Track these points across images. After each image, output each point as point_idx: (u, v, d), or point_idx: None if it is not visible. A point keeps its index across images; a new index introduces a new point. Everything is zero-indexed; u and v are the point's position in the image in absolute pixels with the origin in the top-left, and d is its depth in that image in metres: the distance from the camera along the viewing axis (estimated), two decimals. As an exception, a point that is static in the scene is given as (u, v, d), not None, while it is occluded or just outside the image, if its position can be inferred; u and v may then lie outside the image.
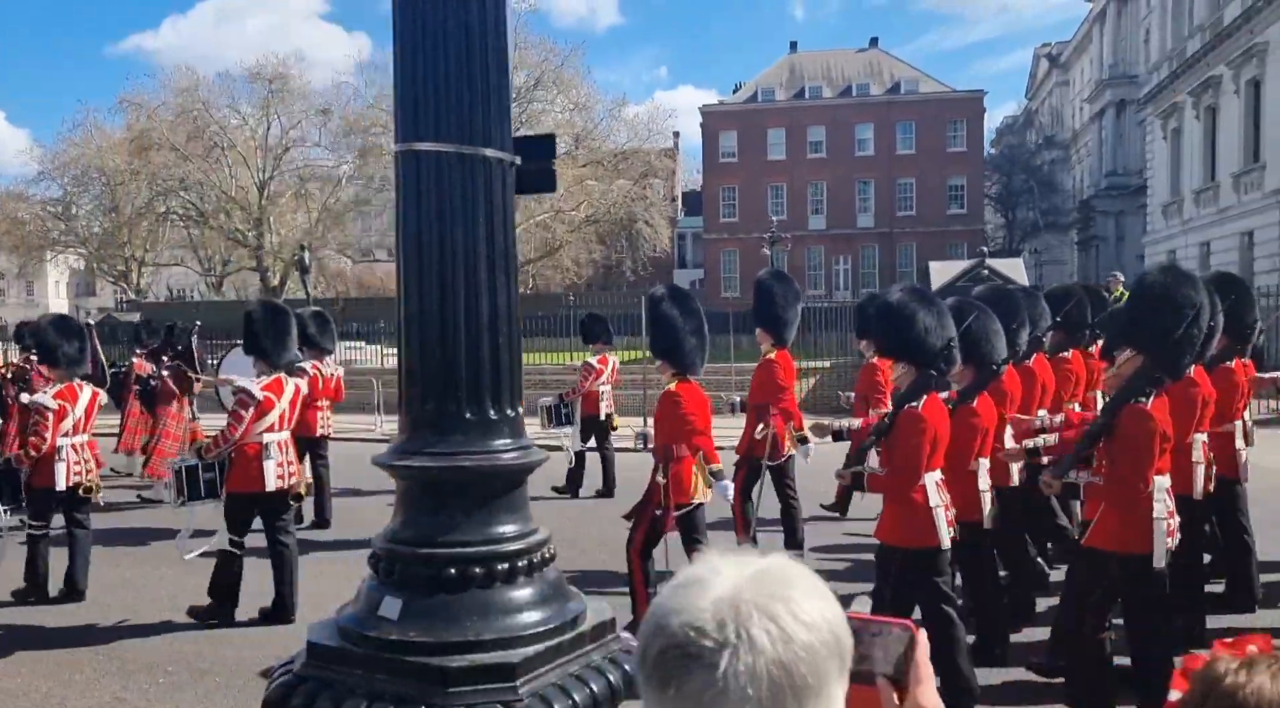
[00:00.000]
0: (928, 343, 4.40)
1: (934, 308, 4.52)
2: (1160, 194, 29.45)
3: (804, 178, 47.92)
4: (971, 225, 46.02)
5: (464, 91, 2.86)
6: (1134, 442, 3.97)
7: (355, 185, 49.03)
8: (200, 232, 49.81)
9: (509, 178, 3.00)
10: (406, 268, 3.00)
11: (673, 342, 5.53)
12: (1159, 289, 4.15)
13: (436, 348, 2.93)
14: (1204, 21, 25.92)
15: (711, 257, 49.66)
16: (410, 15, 2.92)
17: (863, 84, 48.09)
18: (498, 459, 2.98)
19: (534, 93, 44.35)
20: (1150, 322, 4.08)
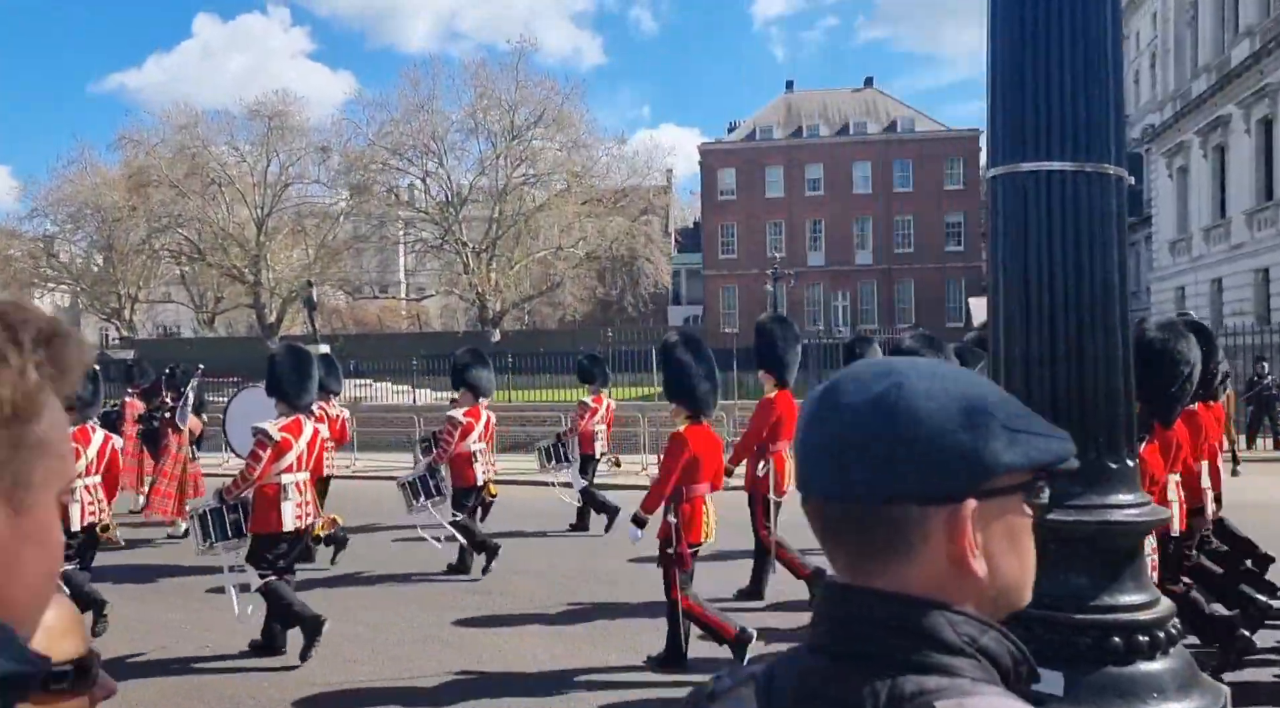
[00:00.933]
0: None
1: (940, 353, 4.80)
2: (1166, 231, 29.72)
3: (802, 215, 48.20)
4: (970, 262, 46.30)
5: (1090, 99, 2.51)
6: None
7: (352, 222, 48.94)
8: (194, 269, 49.55)
9: (1124, 197, 2.65)
10: (1013, 302, 2.63)
11: (687, 386, 5.66)
12: (1158, 345, 4.43)
13: (1075, 389, 2.57)
14: (1209, 62, 26.34)
15: (711, 293, 49.71)
16: (1016, 18, 2.55)
17: (860, 122, 48.58)
18: (1129, 513, 2.60)
19: (534, 130, 44.60)
20: (1150, 376, 4.26)
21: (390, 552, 8.92)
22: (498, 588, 7.55)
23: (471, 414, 8.19)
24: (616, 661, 5.75)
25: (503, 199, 45.09)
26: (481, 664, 5.80)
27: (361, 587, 7.74)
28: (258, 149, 46.48)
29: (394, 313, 59.32)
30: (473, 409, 8.26)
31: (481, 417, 8.31)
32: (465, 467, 8.05)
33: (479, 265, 44.49)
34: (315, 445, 6.35)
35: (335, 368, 9.46)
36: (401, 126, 44.97)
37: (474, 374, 8.40)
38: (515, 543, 8.96)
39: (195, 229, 45.45)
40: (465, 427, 8.06)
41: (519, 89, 44.51)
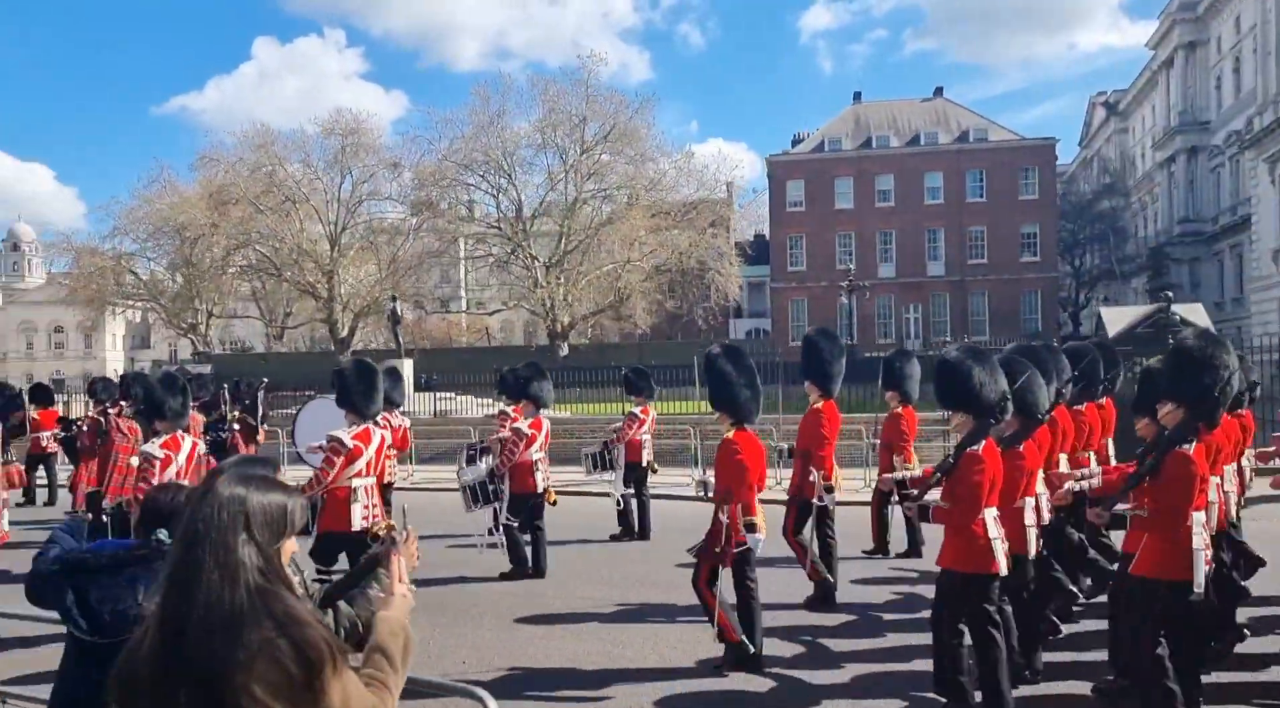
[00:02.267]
0: (984, 395, 5.01)
1: (988, 364, 5.10)
2: (1267, 238, 28.82)
3: (873, 226, 47.71)
4: (1045, 273, 45.46)
5: None
6: (1178, 482, 4.56)
7: (422, 237, 49.40)
8: (264, 284, 50.41)
9: None
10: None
11: (729, 394, 6.04)
12: (1198, 352, 4.77)
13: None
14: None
15: (779, 306, 49.38)
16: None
17: (931, 133, 48.04)
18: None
19: (603, 144, 44.68)
20: (1193, 380, 4.71)
21: (453, 557, 9.32)
22: (553, 592, 8.02)
23: (535, 425, 8.76)
24: (672, 661, 6.12)
25: (571, 213, 45.21)
26: (536, 662, 6.17)
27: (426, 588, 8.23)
28: (332, 167, 47.19)
29: (456, 327, 59.83)
30: (536, 421, 8.82)
31: (543, 427, 8.87)
32: (527, 475, 8.60)
33: (548, 280, 44.62)
34: (382, 453, 6.93)
35: (400, 380, 9.87)
36: (471, 143, 45.37)
37: (536, 387, 8.98)
38: (572, 550, 9.69)
39: (272, 245, 46.20)
40: (530, 437, 8.64)
41: (588, 103, 44.66)
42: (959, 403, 5.09)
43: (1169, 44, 49.92)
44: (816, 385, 7.72)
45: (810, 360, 7.78)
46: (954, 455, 5.04)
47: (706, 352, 6.34)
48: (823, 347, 7.78)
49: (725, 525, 5.78)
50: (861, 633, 6.69)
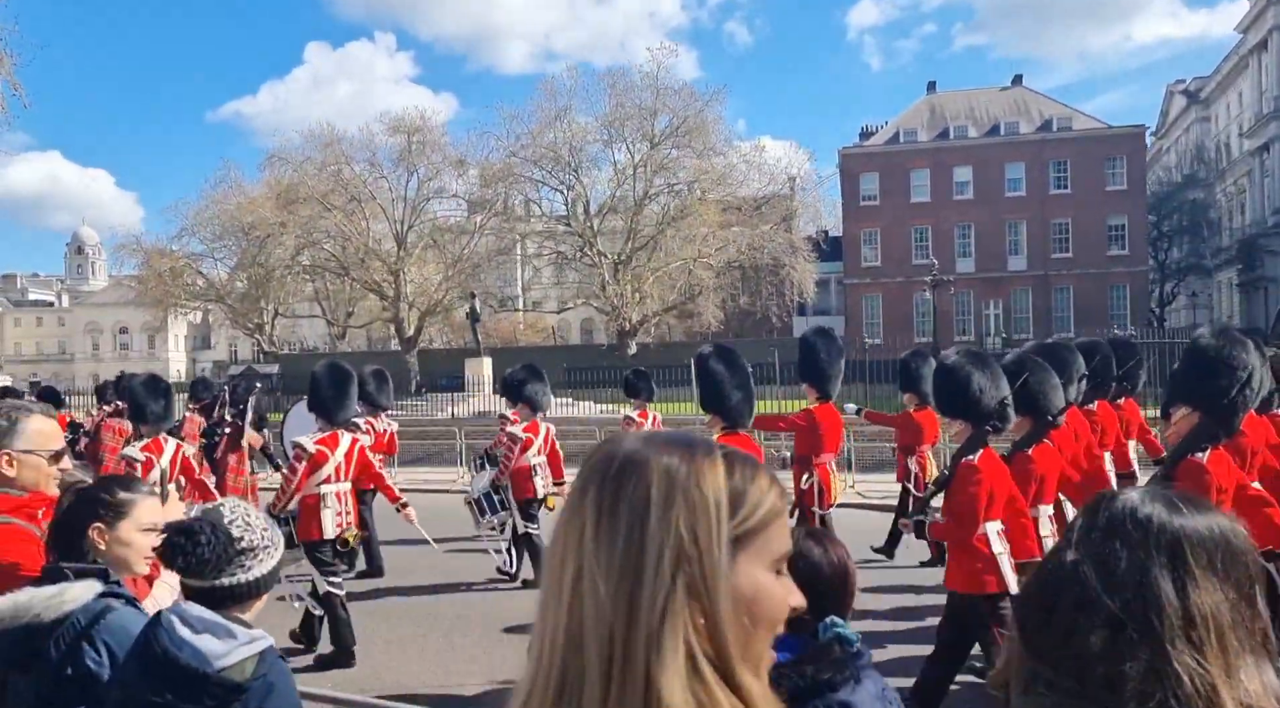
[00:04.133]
0: (982, 402, 4.77)
1: (988, 369, 4.86)
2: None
3: (950, 220, 46.16)
4: (1134, 267, 43.65)
5: None
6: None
7: (487, 235, 48.89)
8: (326, 283, 50.37)
9: None
10: None
11: (718, 397, 5.81)
12: (1213, 352, 4.38)
13: None
14: None
15: (853, 302, 48.01)
16: None
17: (1011, 122, 46.35)
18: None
19: (678, 137, 43.78)
20: (1206, 382, 4.34)
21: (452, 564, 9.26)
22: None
23: (530, 429, 8.49)
24: None
25: (639, 209, 44.40)
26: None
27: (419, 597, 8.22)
28: (398, 165, 46.85)
29: (519, 327, 59.37)
30: (531, 424, 8.56)
31: (540, 431, 8.60)
32: (525, 481, 8.36)
33: (616, 277, 43.83)
34: (354, 457, 6.67)
35: (387, 384, 9.56)
36: (538, 138, 44.73)
37: (531, 389, 8.71)
38: None
39: (339, 244, 45.98)
40: (525, 442, 8.38)
41: (658, 97, 43.77)
42: (957, 410, 4.90)
43: (1262, 26, 47.71)
44: (814, 387, 7.49)
45: (807, 361, 7.54)
46: (950, 466, 4.84)
47: (698, 352, 6.17)
48: (820, 347, 7.54)
49: None
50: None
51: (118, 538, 2.30)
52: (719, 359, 5.98)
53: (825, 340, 7.70)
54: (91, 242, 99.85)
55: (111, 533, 2.29)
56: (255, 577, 2.03)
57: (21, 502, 2.57)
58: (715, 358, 5.99)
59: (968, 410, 4.83)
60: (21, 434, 2.62)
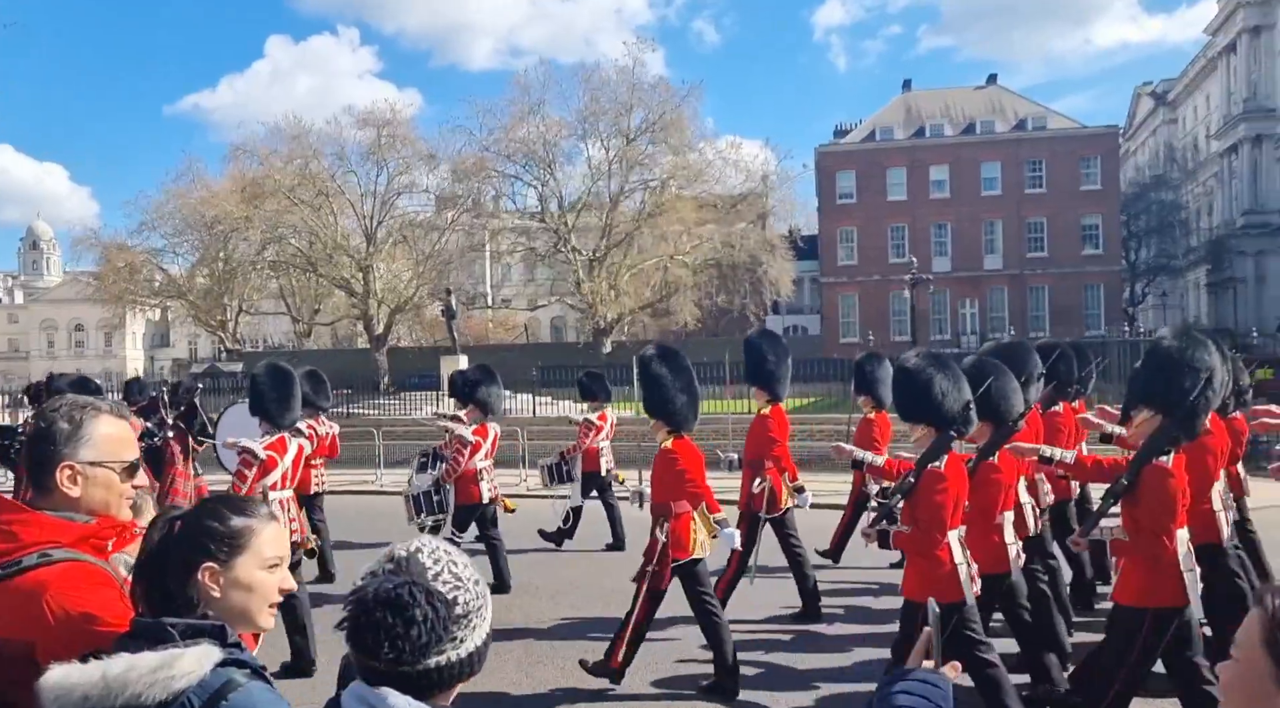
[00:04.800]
0: (945, 406, 4.61)
1: (950, 372, 4.69)
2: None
3: (926, 218, 46.08)
4: (1108, 266, 43.80)
5: None
6: (1156, 499, 4.16)
7: (458, 231, 48.02)
8: (291, 280, 49.19)
9: None
10: None
11: (662, 401, 5.65)
12: (1175, 353, 4.35)
13: None
14: None
15: (829, 301, 47.78)
16: None
17: (986, 121, 46.35)
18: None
19: (653, 132, 43.24)
20: (1168, 384, 4.30)
21: None
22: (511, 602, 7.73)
23: (479, 432, 8.25)
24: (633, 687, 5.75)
25: (615, 206, 43.82)
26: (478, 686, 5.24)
27: None
28: (366, 159, 45.83)
29: (491, 325, 58.52)
30: (481, 427, 8.32)
31: (489, 434, 8.39)
32: (470, 484, 8.14)
33: (591, 275, 43.22)
34: (299, 464, 6.50)
35: (324, 384, 9.24)
36: (511, 133, 43.97)
37: (485, 391, 8.43)
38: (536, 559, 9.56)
39: (306, 240, 44.86)
40: (474, 445, 8.11)
41: (633, 92, 43.20)
42: (919, 415, 4.71)
43: (1230, 29, 48.24)
44: (763, 390, 7.40)
45: (753, 364, 7.45)
46: (914, 473, 4.68)
47: (640, 354, 5.99)
48: (765, 349, 7.42)
49: (662, 544, 5.43)
50: (825, 648, 6.40)
51: (236, 580, 1.71)
52: (662, 362, 5.76)
53: (771, 342, 7.60)
54: (46, 236, 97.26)
55: (228, 574, 1.71)
56: (471, 651, 1.49)
57: (89, 530, 1.92)
58: (658, 360, 5.77)
59: (930, 415, 4.66)
60: (88, 441, 1.97)
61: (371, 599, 1.41)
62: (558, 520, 10.22)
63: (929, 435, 4.68)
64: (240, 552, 1.71)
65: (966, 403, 4.70)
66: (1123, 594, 4.35)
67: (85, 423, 1.98)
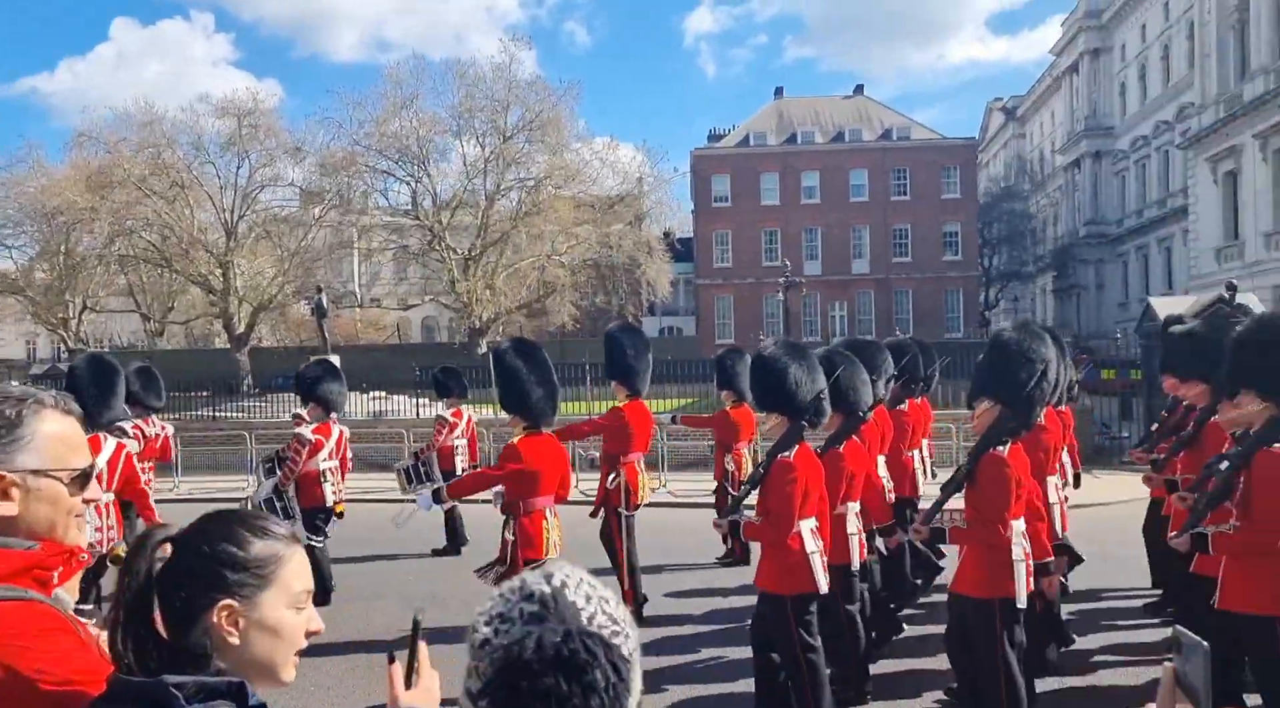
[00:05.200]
0: (799, 395, 4.62)
1: (805, 362, 4.73)
2: (1210, 237, 29.42)
3: (799, 223, 47.28)
4: (967, 272, 45.97)
5: None
6: (993, 487, 4.25)
7: (326, 228, 46.24)
8: (142, 276, 46.36)
9: None
10: None
11: (518, 395, 5.49)
12: (1014, 345, 4.46)
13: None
14: (1267, 65, 26.06)
15: (705, 302, 48.37)
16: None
17: (855, 130, 47.93)
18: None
19: (530, 131, 42.73)
20: (1007, 375, 4.41)
21: None
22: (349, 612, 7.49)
23: (321, 431, 7.95)
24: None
25: (491, 204, 43.13)
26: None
27: None
28: (226, 150, 43.53)
29: (361, 325, 56.65)
30: (323, 426, 8.00)
31: (333, 433, 8.07)
32: (313, 486, 7.85)
33: (465, 274, 42.38)
34: (118, 466, 5.95)
35: (156, 382, 8.66)
36: (383, 127, 42.64)
37: (326, 388, 8.11)
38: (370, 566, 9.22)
39: (160, 233, 42.23)
40: (315, 444, 7.81)
41: (510, 89, 42.60)
42: (774, 404, 4.74)
43: (1073, 50, 51.48)
44: (623, 384, 7.36)
45: (613, 359, 7.37)
46: (764, 463, 4.72)
47: (495, 347, 5.91)
48: (625, 343, 7.38)
49: (511, 543, 5.25)
50: (676, 650, 6.31)
51: (261, 622, 1.37)
52: (518, 355, 5.60)
53: (631, 337, 7.55)
54: None
55: (250, 615, 1.36)
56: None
57: (32, 559, 1.50)
58: (514, 353, 5.61)
59: (784, 404, 4.66)
60: (27, 443, 1.53)
61: (535, 659, 1.06)
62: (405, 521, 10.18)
63: (781, 425, 4.68)
64: (266, 586, 1.38)
65: (820, 393, 4.71)
66: (960, 584, 4.40)
67: (26, 420, 1.55)
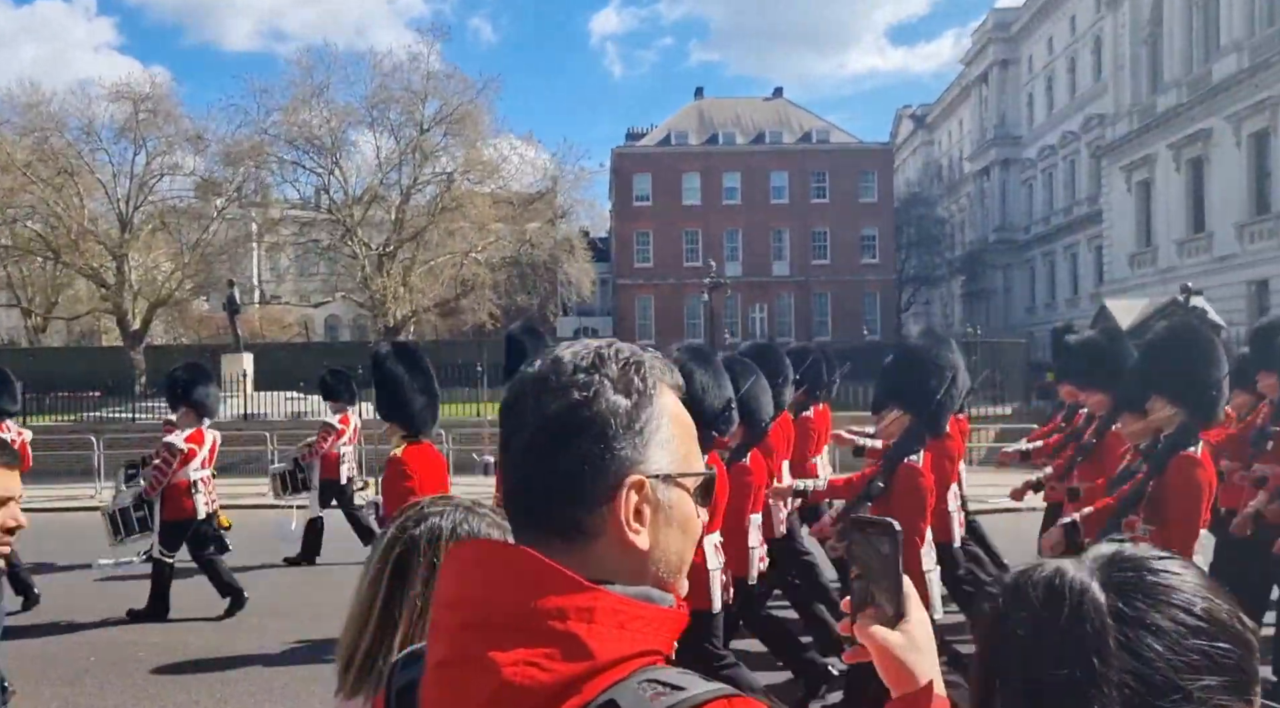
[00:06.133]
0: (705, 403, 4.31)
1: (711, 367, 4.46)
2: (1124, 244, 30.34)
3: (720, 224, 47.19)
4: (884, 275, 46.64)
5: None
6: (910, 499, 4.16)
7: (227, 221, 44.01)
8: (21, 268, 43.37)
9: None
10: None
11: (400, 401, 5.21)
12: (922, 353, 4.42)
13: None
14: (1180, 78, 26.95)
15: (625, 302, 47.85)
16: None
17: (775, 132, 48.11)
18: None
19: (448, 124, 41.47)
20: (916, 384, 4.33)
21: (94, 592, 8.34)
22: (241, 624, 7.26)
23: (194, 439, 7.52)
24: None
25: (406, 198, 41.74)
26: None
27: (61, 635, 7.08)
28: (121, 136, 40.97)
29: (260, 323, 54.22)
30: (195, 433, 7.57)
31: (206, 440, 7.67)
32: (183, 497, 7.41)
33: (381, 270, 40.90)
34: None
35: (10, 383, 8.25)
36: (292, 116, 40.78)
37: (201, 392, 7.66)
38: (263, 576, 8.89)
39: (47, 223, 39.45)
40: (186, 453, 7.40)
41: (428, 80, 41.28)
42: None
43: (983, 61, 52.89)
44: None
45: (513, 361, 6.75)
46: None
47: (374, 352, 5.55)
48: (527, 345, 6.87)
49: None
50: None
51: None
52: (399, 360, 5.28)
53: (534, 340, 6.99)
54: None
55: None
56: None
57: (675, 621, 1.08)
58: (394, 359, 5.28)
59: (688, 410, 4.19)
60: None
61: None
62: (295, 535, 9.46)
63: None
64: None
65: (728, 401, 4.40)
66: None
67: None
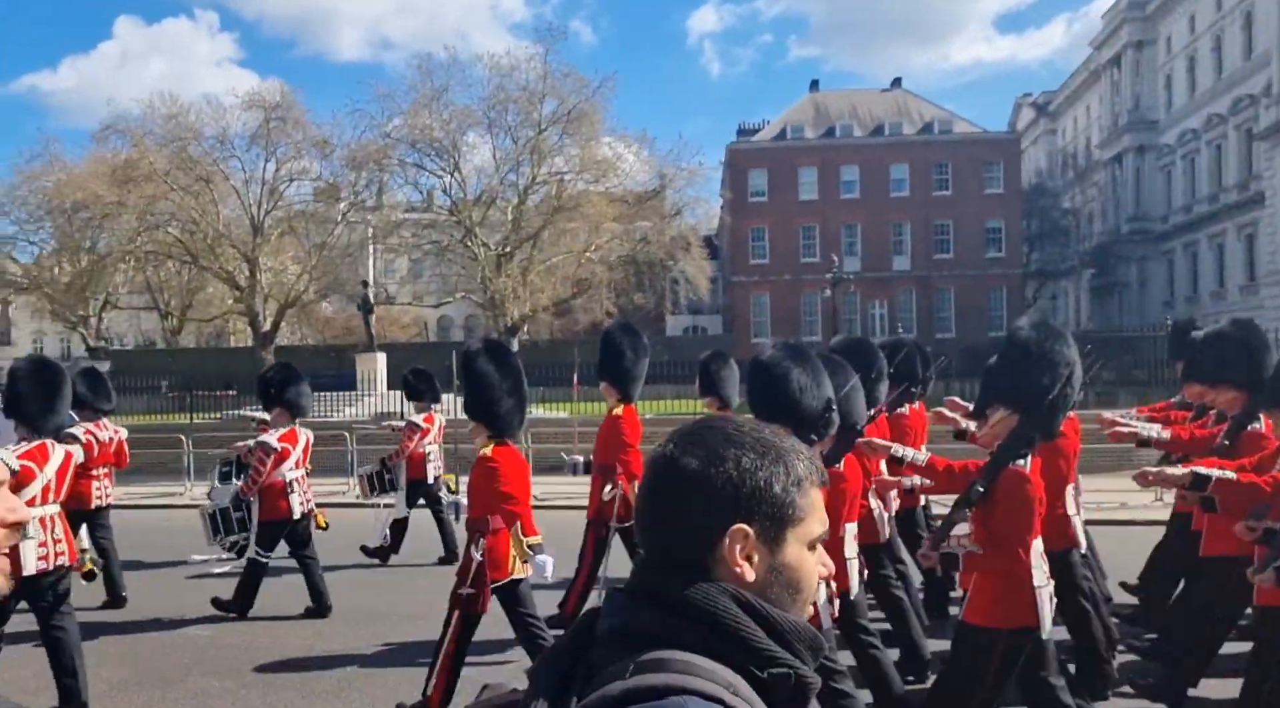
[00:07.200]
0: (803, 403, 4.17)
1: (810, 367, 4.27)
2: (1289, 231, 28.31)
3: (837, 219, 46.12)
4: (1009, 269, 44.84)
5: None
6: (1013, 507, 3.84)
7: (350, 223, 45.13)
8: (159, 272, 45.36)
9: None
10: None
11: (488, 401, 5.08)
12: (1034, 347, 4.07)
13: None
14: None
15: (739, 300, 47.22)
16: None
17: (895, 123, 46.79)
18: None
19: (565, 123, 41.60)
20: (1026, 380, 4.01)
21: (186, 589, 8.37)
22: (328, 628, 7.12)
23: (288, 438, 7.41)
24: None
25: (524, 199, 42.03)
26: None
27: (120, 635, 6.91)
28: (253, 144, 42.46)
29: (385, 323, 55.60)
30: (289, 432, 7.46)
31: (299, 440, 7.53)
32: (278, 498, 7.28)
33: (499, 271, 41.27)
34: (67, 473, 5.56)
35: (103, 384, 8.14)
36: (412, 120, 41.51)
37: (293, 392, 7.54)
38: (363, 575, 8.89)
39: (186, 229, 41.13)
40: (281, 453, 7.30)
41: (545, 80, 41.44)
42: (775, 413, 4.13)
43: (1115, 43, 50.34)
44: (615, 388, 6.75)
45: (611, 360, 6.74)
46: None
47: (464, 350, 5.43)
48: (624, 344, 6.76)
49: (478, 563, 4.87)
50: None
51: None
52: (489, 359, 5.11)
53: (631, 339, 6.90)
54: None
55: None
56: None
57: None
58: (484, 357, 5.11)
59: (786, 413, 4.07)
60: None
61: None
62: (380, 533, 9.38)
63: None
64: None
65: (828, 402, 4.20)
66: (973, 613, 3.93)
67: None
